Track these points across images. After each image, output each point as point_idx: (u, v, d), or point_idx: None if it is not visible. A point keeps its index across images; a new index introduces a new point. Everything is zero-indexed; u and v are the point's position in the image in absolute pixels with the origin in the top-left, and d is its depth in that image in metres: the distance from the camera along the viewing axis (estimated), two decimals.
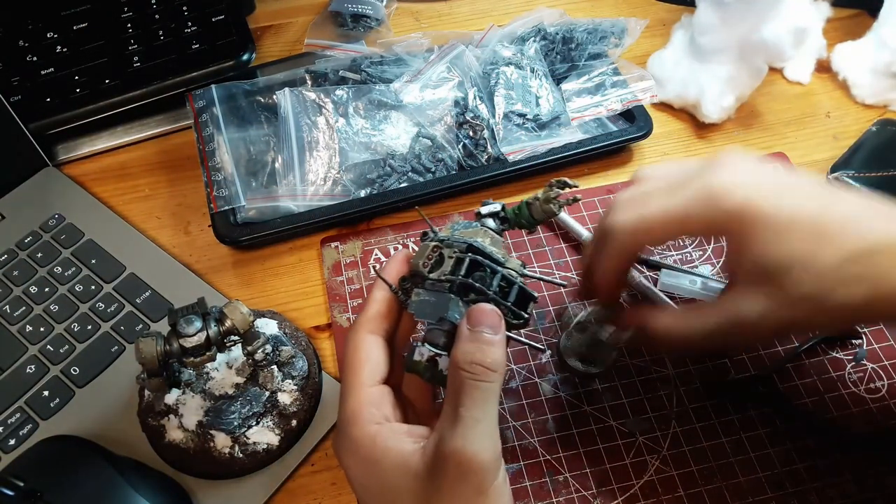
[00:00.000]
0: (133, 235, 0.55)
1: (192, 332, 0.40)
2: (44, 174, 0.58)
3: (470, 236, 0.38)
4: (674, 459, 0.45)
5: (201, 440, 0.43)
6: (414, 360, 0.36)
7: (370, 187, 0.55)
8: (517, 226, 0.41)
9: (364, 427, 0.34)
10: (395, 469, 0.33)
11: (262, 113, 0.59)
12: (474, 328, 0.34)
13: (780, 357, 0.48)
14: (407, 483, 0.33)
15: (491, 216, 0.40)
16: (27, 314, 0.50)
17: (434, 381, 0.36)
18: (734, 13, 0.57)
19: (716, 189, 0.36)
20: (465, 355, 0.34)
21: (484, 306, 0.35)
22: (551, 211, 0.40)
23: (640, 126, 0.58)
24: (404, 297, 0.38)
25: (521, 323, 0.37)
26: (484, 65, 0.59)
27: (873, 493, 0.43)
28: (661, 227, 0.38)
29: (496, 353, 0.34)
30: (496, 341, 0.34)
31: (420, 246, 0.39)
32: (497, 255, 0.38)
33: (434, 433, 0.33)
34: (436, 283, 0.36)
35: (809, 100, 0.64)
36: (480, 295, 0.36)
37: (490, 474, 0.32)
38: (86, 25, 0.61)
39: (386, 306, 0.38)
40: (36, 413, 0.46)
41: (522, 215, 0.40)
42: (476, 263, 0.37)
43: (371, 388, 0.36)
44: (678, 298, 0.51)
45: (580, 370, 0.47)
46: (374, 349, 0.37)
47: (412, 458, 0.33)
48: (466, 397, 0.33)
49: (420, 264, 0.37)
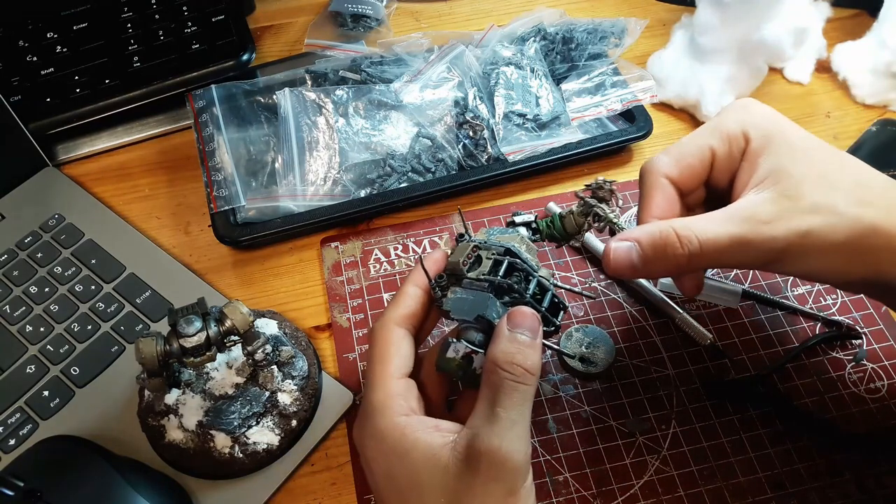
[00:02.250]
0: (133, 235, 0.55)
1: (192, 332, 0.40)
2: (44, 174, 0.58)
3: (507, 241, 0.39)
4: (674, 459, 0.45)
5: (201, 440, 0.43)
6: (447, 357, 0.36)
7: (370, 187, 0.55)
8: (548, 238, 0.41)
9: (393, 418, 0.35)
10: (424, 461, 0.33)
11: (262, 113, 0.59)
12: (514, 329, 0.34)
13: (780, 357, 0.48)
14: (436, 476, 0.33)
15: (524, 225, 0.41)
16: (27, 314, 0.50)
17: (466, 380, 0.36)
18: (734, 13, 0.57)
19: (749, 100, 0.41)
20: (505, 355, 0.34)
21: (525, 309, 0.35)
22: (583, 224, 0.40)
23: (640, 126, 0.58)
24: (441, 294, 0.38)
25: (552, 331, 0.38)
26: (484, 65, 0.59)
27: (873, 493, 0.43)
28: (694, 141, 0.40)
29: (535, 356, 0.34)
30: (535, 345, 0.34)
31: (458, 246, 0.39)
32: (532, 262, 0.38)
33: (466, 429, 0.33)
34: (474, 282, 0.37)
35: (809, 100, 0.64)
36: (518, 298, 0.36)
37: (522, 476, 0.32)
38: (86, 25, 0.61)
39: (417, 302, 0.39)
40: (36, 413, 0.46)
41: (555, 228, 0.41)
42: (513, 267, 0.37)
43: (399, 379, 0.36)
44: (678, 299, 0.51)
45: (580, 370, 0.47)
46: (404, 343, 0.38)
47: (442, 452, 0.33)
48: (505, 398, 0.33)
49: (459, 262, 0.37)
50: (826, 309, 0.51)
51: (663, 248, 0.36)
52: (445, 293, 0.38)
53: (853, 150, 0.58)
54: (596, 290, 0.52)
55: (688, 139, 0.40)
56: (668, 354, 0.49)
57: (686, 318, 0.49)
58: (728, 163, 0.39)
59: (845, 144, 0.59)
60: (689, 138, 0.40)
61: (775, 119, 0.39)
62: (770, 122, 0.39)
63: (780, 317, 0.50)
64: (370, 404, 0.36)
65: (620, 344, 0.49)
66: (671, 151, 0.40)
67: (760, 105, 0.40)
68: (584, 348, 0.48)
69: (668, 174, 0.39)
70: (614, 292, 0.52)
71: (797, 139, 0.38)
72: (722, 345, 0.49)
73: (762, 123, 0.39)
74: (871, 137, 0.59)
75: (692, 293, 0.41)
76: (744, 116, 0.40)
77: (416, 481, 0.33)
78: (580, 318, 0.51)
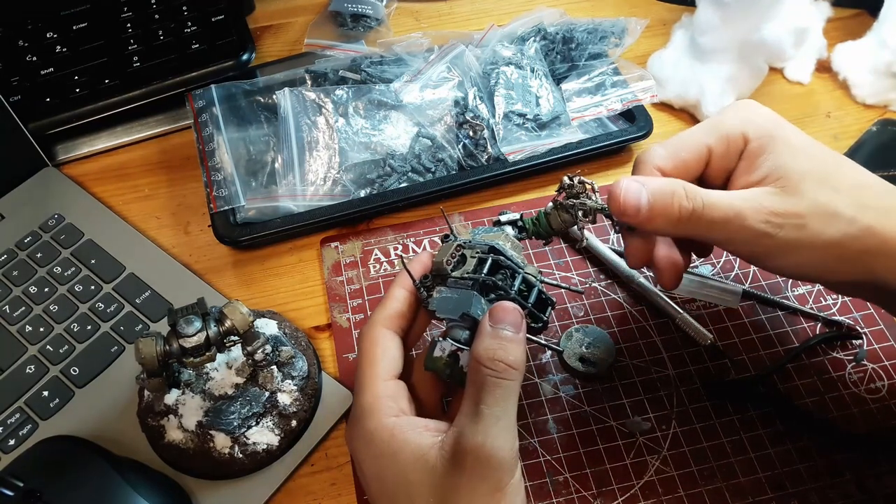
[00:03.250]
0: (133, 235, 0.55)
1: (191, 332, 0.40)
2: (43, 174, 0.58)
3: (491, 239, 0.39)
4: (674, 460, 0.45)
5: (201, 440, 0.43)
6: (434, 356, 0.36)
7: (370, 187, 0.55)
8: (535, 235, 0.41)
9: (382, 419, 0.35)
10: (412, 462, 0.33)
11: (261, 113, 0.59)
12: (496, 325, 0.35)
13: (780, 357, 0.48)
14: (424, 476, 0.33)
15: (509, 224, 0.41)
16: (27, 314, 0.50)
17: (453, 378, 0.36)
18: (734, 13, 0.57)
19: (749, 102, 0.41)
20: (487, 351, 0.34)
21: (506, 304, 0.35)
22: (569, 220, 0.40)
23: (641, 126, 0.58)
24: (426, 294, 0.38)
25: (540, 327, 0.38)
26: (484, 65, 0.59)
27: (873, 493, 0.43)
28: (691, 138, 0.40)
29: (517, 350, 0.34)
30: (517, 339, 0.34)
31: (442, 246, 0.39)
32: (517, 259, 0.38)
33: (452, 429, 0.34)
34: (458, 280, 0.37)
35: (810, 100, 0.64)
36: (503, 295, 0.36)
37: (508, 472, 0.32)
38: (86, 25, 0.61)
39: (403, 304, 0.39)
40: (36, 413, 0.46)
41: (541, 225, 0.41)
42: (497, 265, 0.37)
43: (387, 381, 0.36)
44: (678, 299, 0.51)
45: (580, 371, 0.47)
46: (391, 344, 0.38)
47: (430, 452, 0.33)
48: (488, 394, 0.33)
49: (443, 262, 0.37)
50: (826, 309, 0.50)
51: (671, 196, 0.36)
52: (431, 293, 0.38)
53: (853, 150, 0.58)
54: (595, 289, 0.52)
55: (685, 134, 0.41)
56: (669, 354, 0.49)
57: (686, 318, 0.49)
58: (724, 162, 0.40)
59: (845, 144, 0.59)
60: (686, 134, 0.41)
61: (776, 121, 0.40)
62: (771, 123, 0.39)
63: (780, 317, 0.50)
64: (359, 407, 0.36)
65: (620, 344, 0.49)
66: (667, 144, 0.40)
67: (761, 107, 0.41)
68: (584, 348, 0.48)
69: (662, 167, 0.39)
70: (614, 292, 0.52)
71: (798, 141, 0.39)
72: (722, 345, 0.49)
73: (763, 125, 0.39)
74: (871, 137, 0.59)
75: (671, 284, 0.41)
76: (744, 117, 0.40)
77: (404, 482, 0.33)
78: (580, 318, 0.51)
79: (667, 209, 0.37)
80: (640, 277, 0.51)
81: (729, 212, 0.36)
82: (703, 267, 0.53)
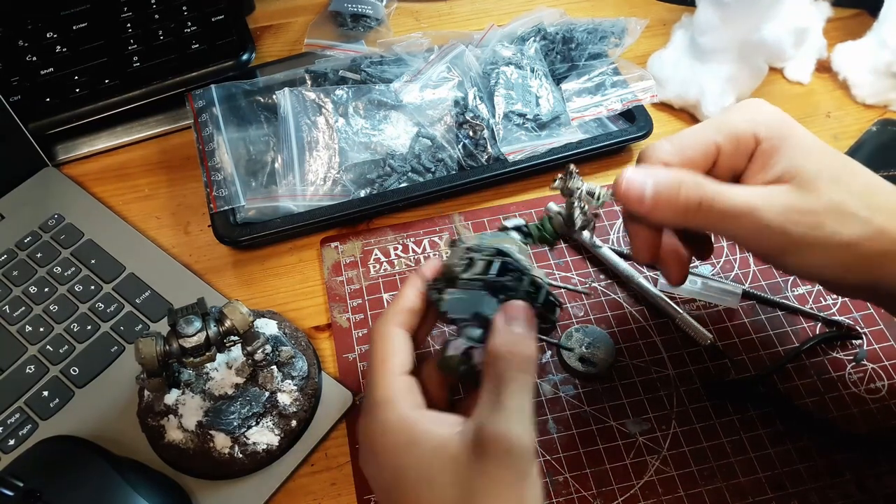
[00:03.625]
0: (133, 235, 0.55)
1: (191, 332, 0.40)
2: (43, 174, 0.58)
3: (498, 243, 0.39)
4: (674, 460, 0.45)
5: (201, 440, 0.43)
6: (448, 355, 0.37)
7: (370, 187, 0.55)
8: (540, 240, 0.42)
9: (402, 411, 0.35)
10: (433, 452, 0.33)
11: (261, 113, 0.59)
12: (509, 322, 0.35)
13: (780, 357, 0.48)
14: (446, 466, 0.33)
15: (515, 230, 0.41)
16: (27, 314, 0.50)
17: (467, 375, 0.37)
18: (734, 13, 0.57)
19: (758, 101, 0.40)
20: (505, 345, 0.34)
21: (517, 302, 0.36)
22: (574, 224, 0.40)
23: (641, 126, 0.58)
24: (437, 296, 0.39)
25: (549, 327, 0.39)
26: (484, 65, 0.59)
27: (873, 493, 0.43)
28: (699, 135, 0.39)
29: (531, 345, 0.35)
30: (531, 335, 0.35)
31: (451, 251, 0.40)
32: (524, 262, 0.39)
33: (471, 421, 0.34)
34: (468, 282, 0.37)
35: (810, 100, 0.64)
36: (512, 295, 0.37)
37: (530, 462, 0.33)
38: (86, 25, 0.61)
39: (414, 304, 0.39)
40: (36, 413, 0.46)
41: (545, 229, 0.41)
42: (506, 267, 0.38)
43: (401, 376, 0.37)
44: (678, 299, 0.51)
45: (580, 371, 0.47)
46: (403, 341, 0.38)
47: (450, 442, 0.33)
48: (507, 386, 0.33)
49: (453, 265, 0.38)
50: (826, 309, 0.50)
51: (678, 186, 0.36)
52: (442, 295, 0.38)
53: (854, 150, 0.58)
54: (596, 289, 0.52)
55: (692, 132, 0.40)
56: (669, 354, 0.49)
57: (686, 318, 0.49)
58: (732, 161, 0.39)
59: (845, 144, 0.59)
60: (693, 131, 0.40)
61: (787, 121, 0.39)
62: (782, 123, 0.39)
63: (780, 317, 0.50)
64: (374, 400, 0.36)
65: (620, 344, 0.49)
66: (673, 140, 0.39)
67: (769, 106, 0.40)
68: (584, 348, 0.48)
69: (667, 162, 0.39)
70: (614, 292, 0.52)
71: (809, 141, 0.38)
72: (722, 345, 0.49)
73: (774, 125, 0.39)
74: (871, 137, 0.59)
75: (677, 280, 0.41)
76: (754, 117, 0.39)
77: (425, 473, 0.33)
78: (580, 318, 0.51)
79: (672, 199, 0.36)
80: (640, 277, 0.51)
81: (744, 206, 0.36)
82: (703, 267, 0.53)
